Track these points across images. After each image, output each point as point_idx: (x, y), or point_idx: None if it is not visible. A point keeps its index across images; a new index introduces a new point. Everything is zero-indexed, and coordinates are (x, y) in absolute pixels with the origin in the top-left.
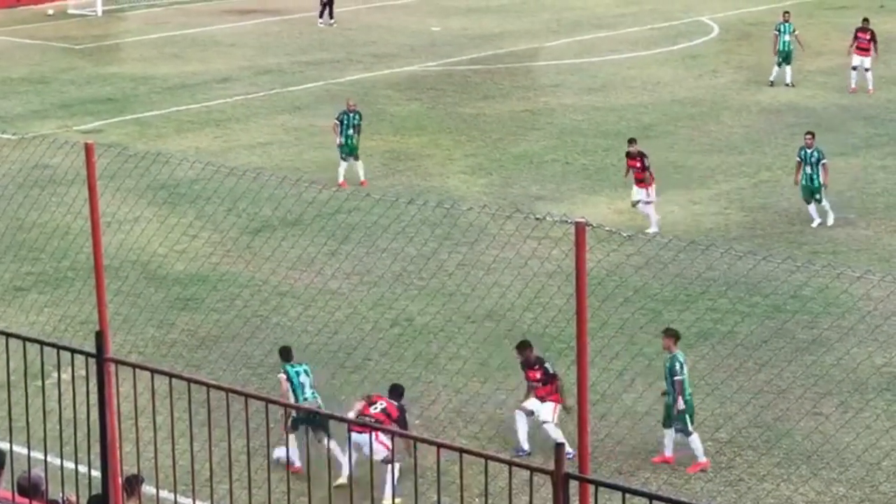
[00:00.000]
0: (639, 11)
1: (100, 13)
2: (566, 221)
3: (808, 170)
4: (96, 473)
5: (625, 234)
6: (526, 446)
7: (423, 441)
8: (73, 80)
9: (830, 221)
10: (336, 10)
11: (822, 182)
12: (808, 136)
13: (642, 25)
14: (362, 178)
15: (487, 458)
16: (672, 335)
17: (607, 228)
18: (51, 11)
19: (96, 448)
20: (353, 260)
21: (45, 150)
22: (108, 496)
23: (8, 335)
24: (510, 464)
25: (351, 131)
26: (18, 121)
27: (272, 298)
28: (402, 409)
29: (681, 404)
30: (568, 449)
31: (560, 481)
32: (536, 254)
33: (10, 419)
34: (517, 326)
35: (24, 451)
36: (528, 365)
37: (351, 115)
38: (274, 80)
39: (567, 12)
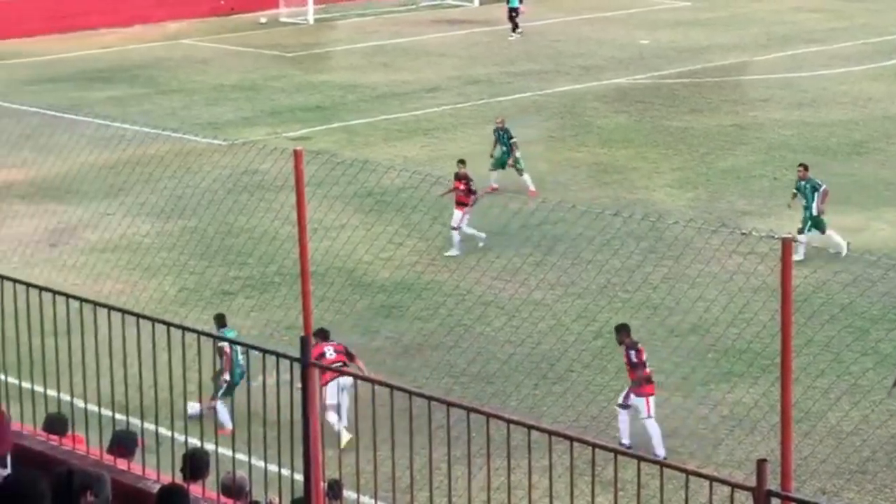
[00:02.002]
0: (850, 26)
1: (311, 21)
2: (772, 237)
3: (803, 201)
4: (299, 477)
5: (832, 251)
6: (626, 440)
7: (624, 454)
8: (283, 87)
9: (844, 251)
10: (544, 21)
11: (821, 213)
12: (801, 168)
13: (854, 40)
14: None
15: (688, 472)
16: None
17: (815, 245)
18: (263, 20)
19: (299, 452)
20: (557, 271)
21: (255, 156)
22: (310, 500)
23: (215, 338)
24: (711, 479)
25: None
26: (229, 127)
27: (476, 308)
28: (343, 345)
29: None
30: (624, 441)
31: (762, 498)
32: (742, 269)
33: (216, 420)
34: (721, 341)
35: (229, 452)
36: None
37: (500, 132)
38: (482, 90)
39: (777, 26)
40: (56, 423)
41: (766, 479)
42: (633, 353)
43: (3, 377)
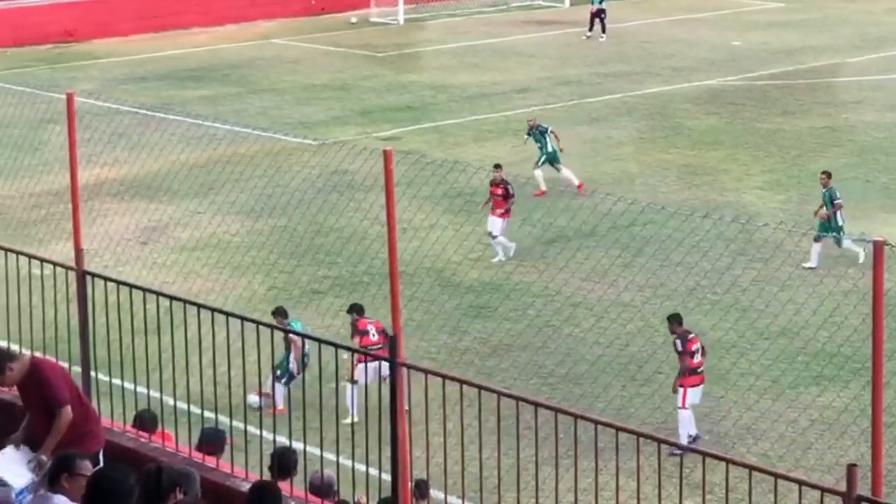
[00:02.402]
0: None
1: (401, 22)
2: (864, 240)
3: (824, 210)
4: (386, 477)
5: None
6: (692, 431)
7: (713, 456)
8: (373, 87)
9: (862, 258)
10: (635, 23)
11: (828, 219)
12: (824, 176)
13: None
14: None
15: (777, 476)
16: None
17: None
18: (354, 20)
19: (387, 451)
20: (646, 273)
21: (345, 156)
22: (398, 500)
23: (305, 337)
24: (801, 483)
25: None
26: (319, 127)
27: (565, 309)
28: (381, 323)
29: None
30: (690, 434)
31: (852, 503)
32: (833, 272)
33: (304, 420)
34: (811, 344)
35: (317, 451)
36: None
37: (534, 131)
38: (572, 91)
39: (871, 28)
40: (146, 420)
41: (857, 483)
42: (678, 342)
43: (94, 374)
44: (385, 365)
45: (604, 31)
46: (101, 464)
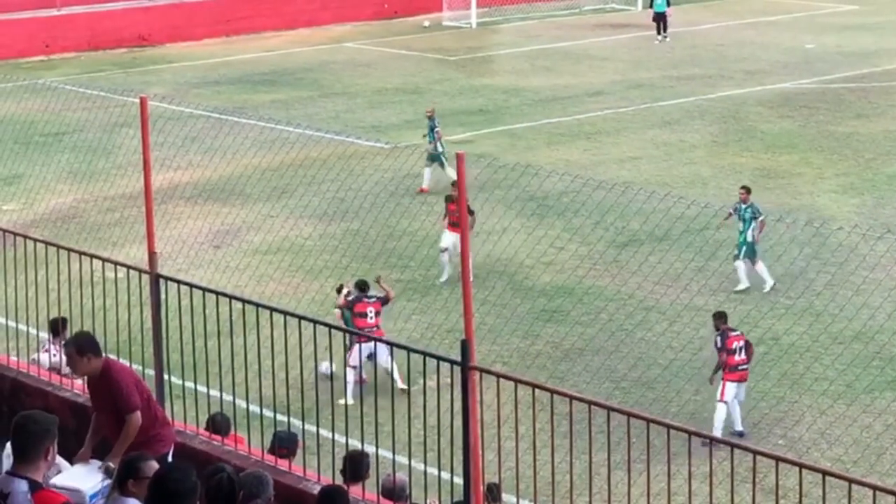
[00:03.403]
0: None
1: (474, 25)
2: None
3: (741, 226)
4: (458, 480)
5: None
6: (738, 427)
7: (786, 461)
8: (445, 90)
9: (768, 286)
10: (708, 26)
11: (755, 240)
12: (743, 191)
13: None
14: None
15: (852, 481)
16: None
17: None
18: (427, 23)
19: (459, 455)
20: (719, 277)
21: (417, 159)
22: (470, 503)
23: (377, 341)
24: (875, 488)
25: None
26: (392, 130)
27: (637, 313)
28: (381, 299)
29: None
30: (740, 428)
31: None
32: None
33: (377, 423)
34: (886, 349)
35: (390, 455)
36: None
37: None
38: (645, 94)
39: None
40: (219, 424)
41: None
42: (717, 338)
43: (167, 377)
44: (379, 347)
45: (665, 31)
46: None
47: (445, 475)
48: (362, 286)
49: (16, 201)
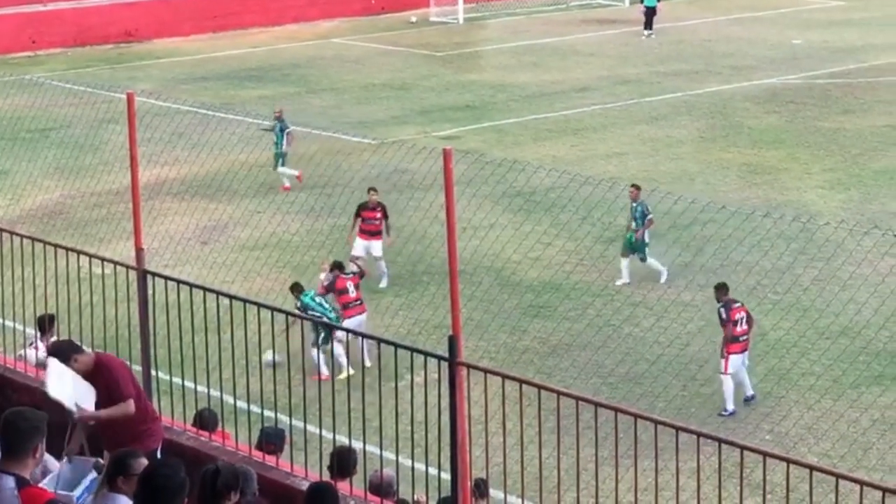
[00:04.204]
0: None
1: (461, 21)
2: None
3: (633, 224)
4: (446, 476)
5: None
6: (730, 406)
7: (773, 456)
8: (433, 86)
9: (664, 278)
10: (695, 21)
11: (639, 237)
12: (633, 188)
13: None
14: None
15: (839, 476)
16: None
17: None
18: (414, 19)
19: (446, 451)
20: (706, 272)
21: (404, 155)
22: (457, 499)
23: (364, 336)
24: (862, 483)
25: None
26: (379, 126)
27: (625, 308)
28: (357, 273)
29: None
30: (727, 407)
31: None
32: (894, 271)
33: (364, 419)
34: (872, 344)
35: (377, 450)
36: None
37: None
38: (632, 90)
39: None
40: (206, 419)
41: None
42: (722, 310)
43: (154, 373)
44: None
45: (650, 27)
46: None
47: (433, 471)
48: (339, 265)
49: (2, 197)
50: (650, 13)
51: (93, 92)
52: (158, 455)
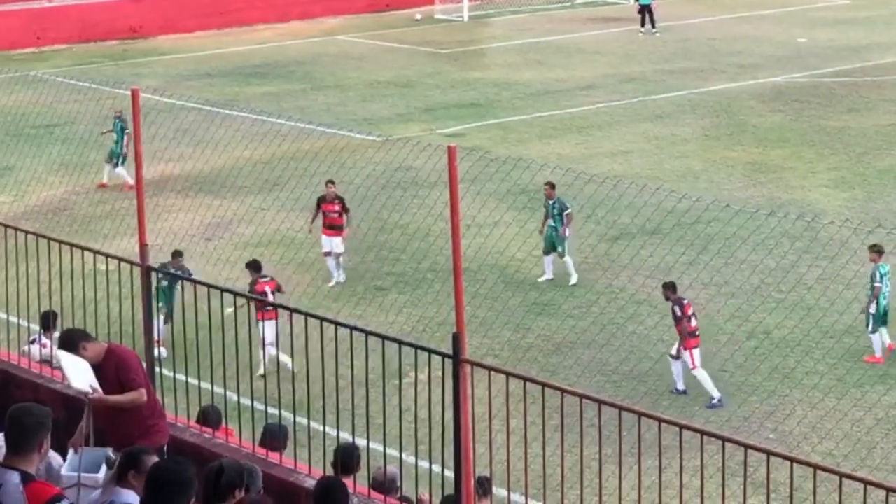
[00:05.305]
0: None
1: (466, 18)
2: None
3: (552, 222)
4: (449, 473)
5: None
6: (680, 386)
7: (777, 455)
8: (437, 84)
9: (573, 280)
10: (701, 19)
11: (561, 234)
12: (547, 187)
13: None
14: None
15: (842, 475)
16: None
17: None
18: (419, 16)
19: (450, 448)
20: (710, 270)
21: (409, 152)
22: (461, 497)
23: (368, 333)
24: (866, 482)
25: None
26: (383, 123)
27: (629, 306)
28: (276, 281)
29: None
30: (679, 387)
31: None
32: None
33: (368, 416)
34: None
35: (380, 448)
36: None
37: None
38: (637, 88)
39: None
40: (210, 416)
41: None
42: (676, 308)
43: (158, 369)
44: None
45: (653, 24)
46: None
47: (436, 468)
48: (256, 266)
49: (6, 193)
50: (644, 10)
51: (97, 88)
52: (165, 451)
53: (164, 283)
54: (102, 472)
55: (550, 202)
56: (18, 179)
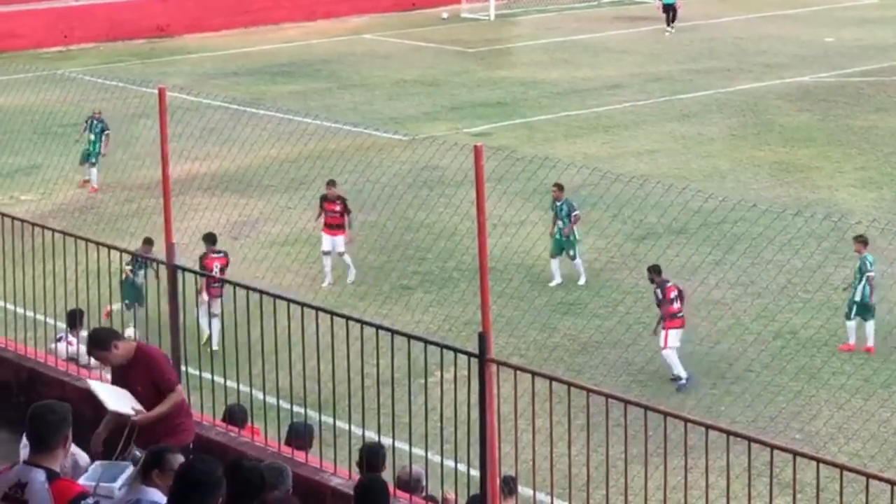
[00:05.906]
0: None
1: (492, 17)
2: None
3: (560, 224)
4: (475, 473)
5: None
6: (682, 373)
7: (804, 455)
8: (464, 83)
9: (582, 281)
10: (727, 19)
11: (567, 235)
12: (555, 188)
13: None
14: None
15: (869, 476)
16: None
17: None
18: (445, 15)
19: (475, 447)
20: (737, 270)
21: (435, 151)
22: (486, 496)
23: (394, 332)
24: (893, 483)
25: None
26: (410, 122)
27: (655, 306)
28: (225, 254)
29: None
30: (681, 375)
31: None
32: None
33: (393, 415)
34: None
35: (406, 447)
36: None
37: (95, 122)
38: (663, 87)
39: None
40: (236, 415)
41: None
42: (658, 290)
43: (184, 368)
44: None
45: (669, 23)
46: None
47: (462, 467)
48: (212, 239)
49: (34, 191)
50: (668, 9)
51: (124, 87)
52: (191, 449)
53: (133, 276)
54: (119, 482)
55: (558, 203)
56: (46, 178)
